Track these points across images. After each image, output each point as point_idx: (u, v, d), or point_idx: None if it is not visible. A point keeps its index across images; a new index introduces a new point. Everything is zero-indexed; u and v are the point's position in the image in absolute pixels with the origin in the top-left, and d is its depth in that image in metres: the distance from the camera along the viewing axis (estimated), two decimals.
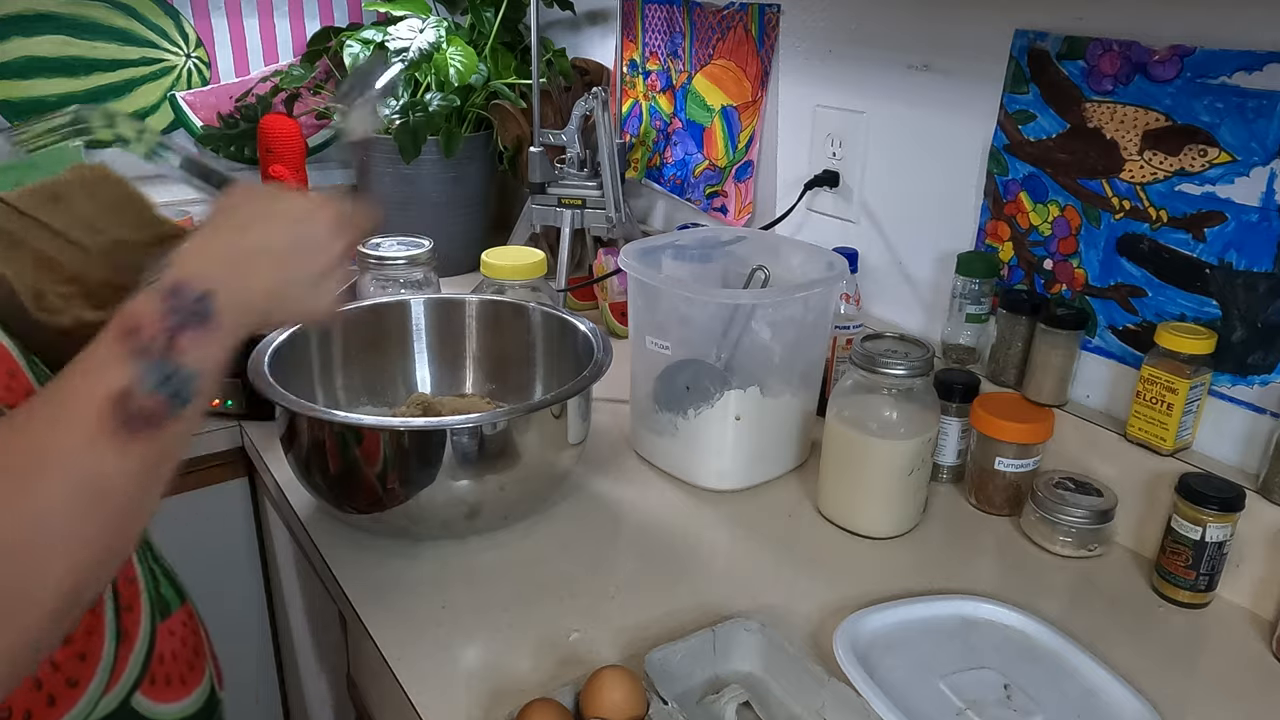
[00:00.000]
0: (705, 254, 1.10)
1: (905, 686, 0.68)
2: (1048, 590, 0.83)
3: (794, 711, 0.68)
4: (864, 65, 1.12)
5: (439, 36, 1.39)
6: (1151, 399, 0.84)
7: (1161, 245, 0.86)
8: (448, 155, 1.46)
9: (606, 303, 1.36)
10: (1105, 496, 0.88)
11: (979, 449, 0.94)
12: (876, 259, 1.15)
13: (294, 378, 0.87)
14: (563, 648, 0.74)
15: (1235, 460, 0.84)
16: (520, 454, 0.82)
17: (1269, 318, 0.79)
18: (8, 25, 1.40)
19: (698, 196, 1.41)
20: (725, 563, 0.86)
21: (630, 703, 0.62)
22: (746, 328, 0.93)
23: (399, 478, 0.80)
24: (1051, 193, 0.94)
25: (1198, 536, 0.79)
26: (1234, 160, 0.79)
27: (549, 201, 1.39)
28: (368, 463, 0.79)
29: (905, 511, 0.90)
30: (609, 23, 1.53)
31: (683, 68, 1.38)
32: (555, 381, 1.01)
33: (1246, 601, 0.82)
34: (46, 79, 1.45)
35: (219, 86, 1.60)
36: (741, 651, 0.72)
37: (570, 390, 0.84)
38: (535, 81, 1.38)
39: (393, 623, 0.76)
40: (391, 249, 1.17)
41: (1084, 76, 0.88)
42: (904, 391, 0.87)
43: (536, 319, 1.03)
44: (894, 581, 0.83)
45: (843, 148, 1.16)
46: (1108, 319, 0.92)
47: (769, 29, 1.23)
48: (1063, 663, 0.72)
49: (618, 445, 1.05)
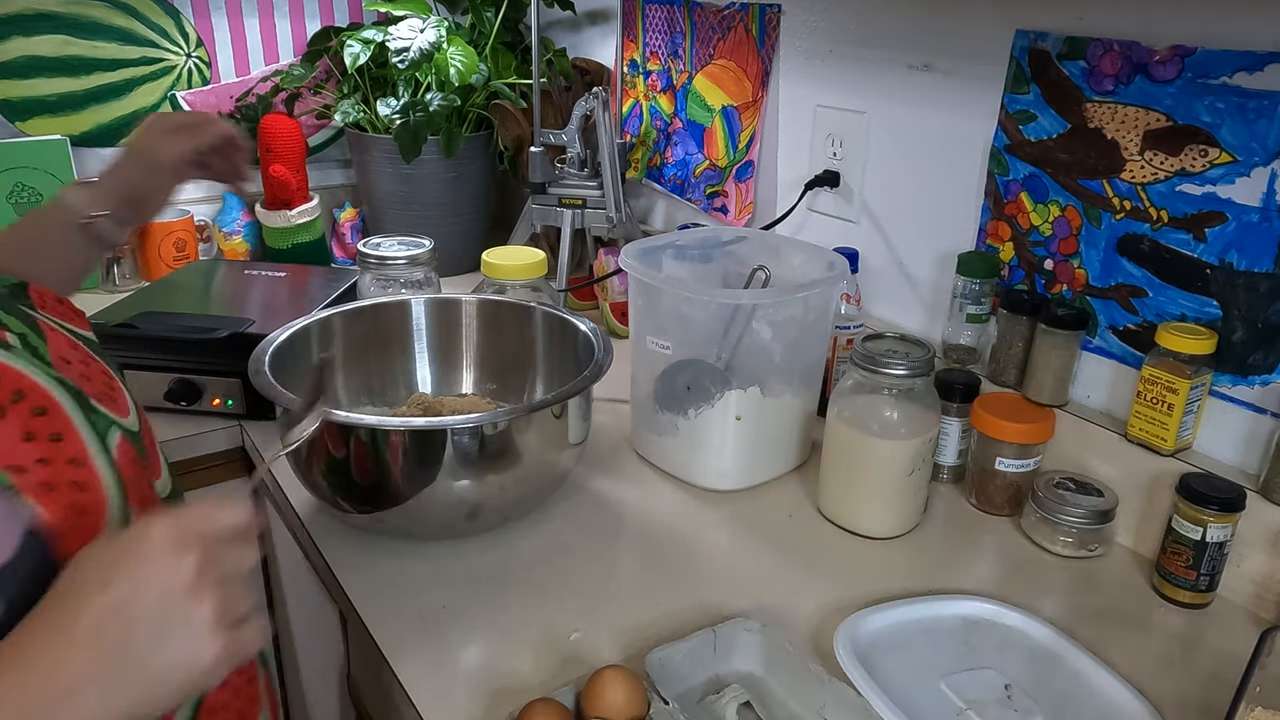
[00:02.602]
0: (706, 254, 1.10)
1: (906, 686, 0.68)
2: (1048, 590, 0.83)
3: (794, 711, 0.68)
4: (865, 65, 1.12)
5: (439, 36, 1.39)
6: (1152, 399, 0.84)
7: (1162, 245, 0.86)
8: (448, 155, 1.46)
9: (607, 303, 1.36)
10: (1106, 497, 0.88)
11: (979, 449, 0.94)
12: (877, 259, 1.15)
13: (294, 377, 0.87)
14: (563, 648, 0.74)
15: (1236, 460, 0.84)
16: (521, 454, 0.82)
17: (1269, 318, 0.79)
18: (8, 25, 1.40)
19: (698, 196, 1.41)
20: (726, 563, 0.86)
21: (631, 703, 0.62)
22: (747, 328, 0.93)
23: (399, 478, 0.79)
24: (1052, 193, 0.94)
25: (1198, 537, 0.79)
26: (1235, 160, 0.79)
27: (549, 201, 1.39)
28: (368, 463, 0.79)
29: (906, 511, 0.90)
30: (609, 23, 1.53)
31: (683, 68, 1.38)
32: (556, 382, 1.01)
33: (1247, 602, 0.82)
34: (47, 79, 1.45)
35: (219, 86, 1.60)
36: (742, 651, 0.72)
37: (571, 390, 0.84)
38: (536, 81, 1.38)
39: (393, 623, 0.76)
40: (392, 249, 1.17)
41: (1085, 77, 0.88)
42: (904, 391, 0.87)
43: (537, 319, 1.03)
44: (894, 581, 0.83)
45: (843, 148, 1.16)
46: (1108, 319, 0.92)
47: (769, 29, 1.23)
48: (1063, 663, 0.72)
49: (618, 445, 1.05)
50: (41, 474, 0.48)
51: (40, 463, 0.49)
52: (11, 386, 0.49)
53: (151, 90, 1.54)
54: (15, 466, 0.47)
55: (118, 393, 0.59)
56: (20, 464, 0.48)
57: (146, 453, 0.60)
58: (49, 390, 0.51)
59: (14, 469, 0.47)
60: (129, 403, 0.60)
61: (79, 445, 0.51)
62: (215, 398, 1.08)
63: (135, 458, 0.57)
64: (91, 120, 1.50)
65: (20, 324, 0.55)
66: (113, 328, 1.07)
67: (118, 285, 1.48)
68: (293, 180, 1.48)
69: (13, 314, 0.56)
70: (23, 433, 0.49)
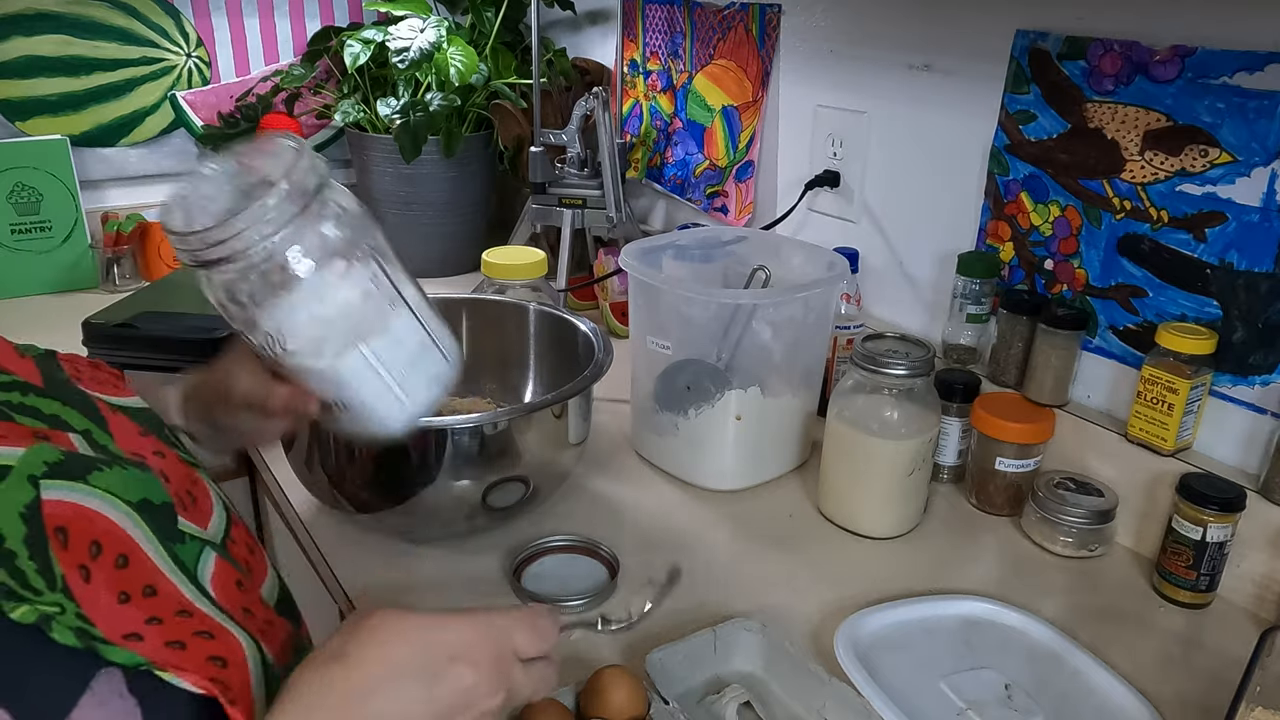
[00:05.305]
0: (706, 254, 1.10)
1: (906, 686, 0.68)
2: (1048, 590, 0.83)
3: (795, 711, 0.68)
4: (865, 65, 1.12)
5: (439, 36, 1.39)
6: (1152, 399, 0.84)
7: (1162, 245, 0.85)
8: (448, 155, 1.46)
9: (607, 303, 1.36)
10: (1106, 497, 0.88)
11: (979, 449, 0.94)
12: (877, 259, 1.15)
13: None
14: (563, 648, 0.73)
15: (1236, 460, 0.84)
16: (521, 454, 0.82)
17: (1269, 318, 0.79)
18: (8, 25, 1.40)
19: (698, 196, 1.41)
20: (726, 563, 0.86)
21: (631, 703, 0.62)
22: (747, 328, 0.93)
23: (399, 478, 0.79)
24: (1052, 193, 0.94)
25: (1198, 537, 0.79)
26: (1235, 160, 0.79)
27: (549, 201, 1.39)
28: (368, 462, 0.79)
29: (906, 511, 0.90)
30: (609, 23, 1.53)
31: (683, 68, 1.38)
32: (555, 382, 1.01)
33: (1247, 602, 0.82)
34: (47, 78, 1.45)
35: (219, 86, 1.60)
36: (742, 651, 0.72)
37: (571, 390, 0.84)
38: (536, 81, 1.38)
39: None
40: None
41: (1085, 77, 0.88)
42: (905, 391, 0.87)
43: (537, 319, 1.03)
44: (895, 581, 0.83)
45: (843, 148, 1.16)
46: (1108, 319, 0.92)
47: (769, 29, 1.23)
48: (1063, 663, 0.72)
49: (618, 445, 1.05)
50: (160, 635, 0.41)
51: (153, 622, 0.41)
52: (90, 536, 0.41)
53: (151, 90, 1.54)
54: (131, 634, 0.39)
55: (199, 488, 0.51)
56: (133, 630, 0.40)
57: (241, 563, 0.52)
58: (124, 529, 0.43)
59: (131, 637, 0.39)
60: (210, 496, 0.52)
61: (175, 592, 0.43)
62: None
63: (236, 577, 0.49)
64: (91, 120, 1.50)
65: (81, 416, 0.47)
66: (113, 328, 1.06)
67: (118, 285, 1.48)
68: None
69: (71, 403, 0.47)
70: (117, 593, 0.41)
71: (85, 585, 0.39)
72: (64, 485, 0.41)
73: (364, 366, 0.56)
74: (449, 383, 0.61)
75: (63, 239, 1.48)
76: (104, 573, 0.40)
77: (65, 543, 0.39)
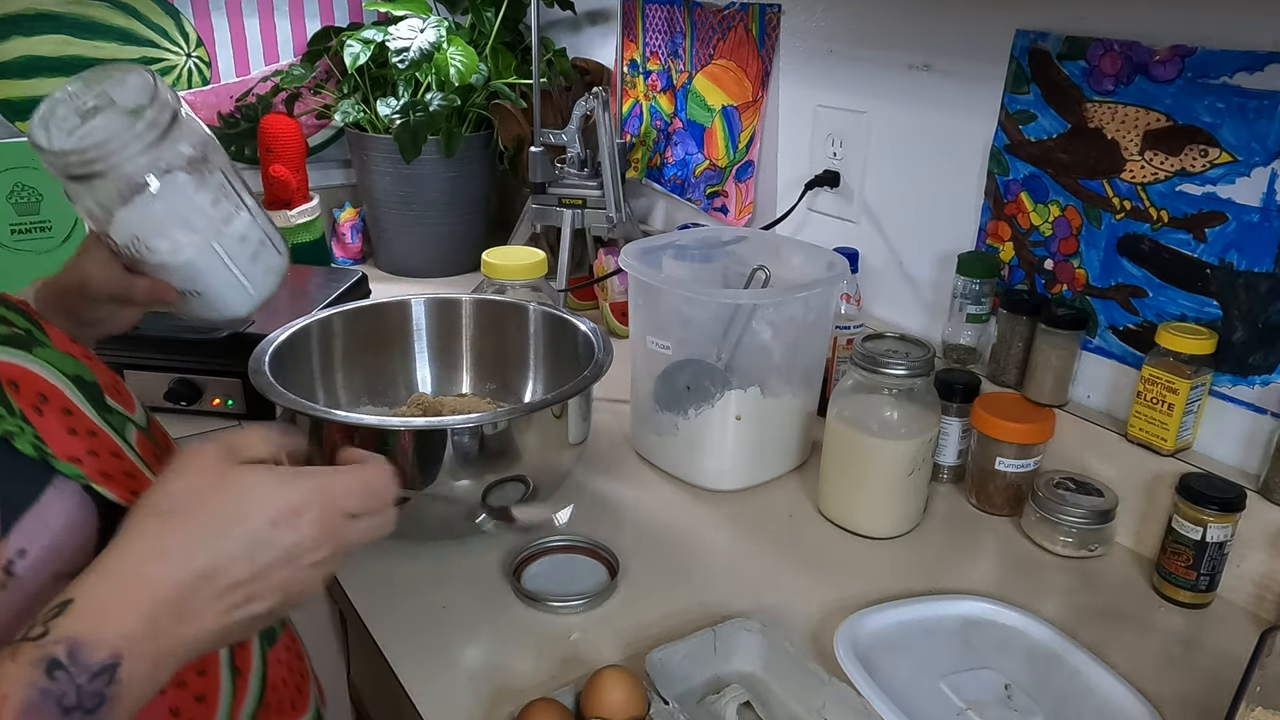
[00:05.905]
0: (706, 254, 1.10)
1: (906, 686, 0.68)
2: (1048, 590, 0.83)
3: (795, 711, 0.68)
4: (865, 65, 1.12)
5: (439, 36, 1.39)
6: (1152, 399, 0.84)
7: (1162, 245, 0.85)
8: (448, 155, 1.46)
9: (607, 303, 1.36)
10: (1106, 496, 0.88)
11: (979, 449, 0.94)
12: (877, 259, 1.15)
13: (294, 377, 0.87)
14: (563, 648, 0.74)
15: (1236, 460, 0.84)
16: (521, 454, 0.82)
17: (1269, 318, 0.79)
18: (8, 25, 1.40)
19: (698, 196, 1.41)
20: (725, 563, 0.86)
21: (631, 703, 0.62)
22: (747, 328, 0.93)
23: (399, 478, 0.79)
24: (1052, 193, 0.94)
25: (1198, 537, 0.79)
26: (1235, 160, 0.79)
27: (549, 201, 1.39)
28: None
29: (906, 511, 0.90)
30: (609, 23, 1.53)
31: (683, 67, 1.38)
32: (555, 381, 1.01)
33: (1247, 602, 0.82)
34: (47, 79, 1.45)
35: (219, 86, 1.60)
36: (742, 651, 0.72)
37: (570, 390, 0.84)
38: (536, 81, 1.38)
39: (393, 623, 0.76)
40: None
41: (1085, 77, 0.88)
42: (904, 391, 0.87)
43: (537, 319, 1.03)
44: (894, 581, 0.83)
45: (843, 148, 1.16)
46: (1108, 319, 0.92)
47: (769, 29, 1.23)
48: (1063, 663, 0.72)
49: (618, 445, 1.05)
50: (96, 464, 0.48)
51: (91, 454, 0.48)
52: (35, 389, 0.48)
53: None
54: (74, 457, 0.47)
55: (122, 388, 0.59)
56: (76, 455, 0.47)
57: (162, 446, 0.60)
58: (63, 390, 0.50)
59: (74, 459, 0.47)
60: (133, 397, 0.60)
61: (110, 440, 0.51)
62: (215, 398, 1.08)
63: (154, 450, 0.57)
64: None
65: (24, 319, 0.54)
66: None
67: None
68: (292, 180, 1.48)
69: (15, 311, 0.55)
70: (65, 428, 0.48)
71: (39, 417, 0.47)
72: (12, 351, 0.49)
73: (216, 261, 0.67)
74: (283, 272, 0.73)
75: (63, 239, 1.48)
76: (53, 415, 0.48)
77: (18, 390, 0.47)
